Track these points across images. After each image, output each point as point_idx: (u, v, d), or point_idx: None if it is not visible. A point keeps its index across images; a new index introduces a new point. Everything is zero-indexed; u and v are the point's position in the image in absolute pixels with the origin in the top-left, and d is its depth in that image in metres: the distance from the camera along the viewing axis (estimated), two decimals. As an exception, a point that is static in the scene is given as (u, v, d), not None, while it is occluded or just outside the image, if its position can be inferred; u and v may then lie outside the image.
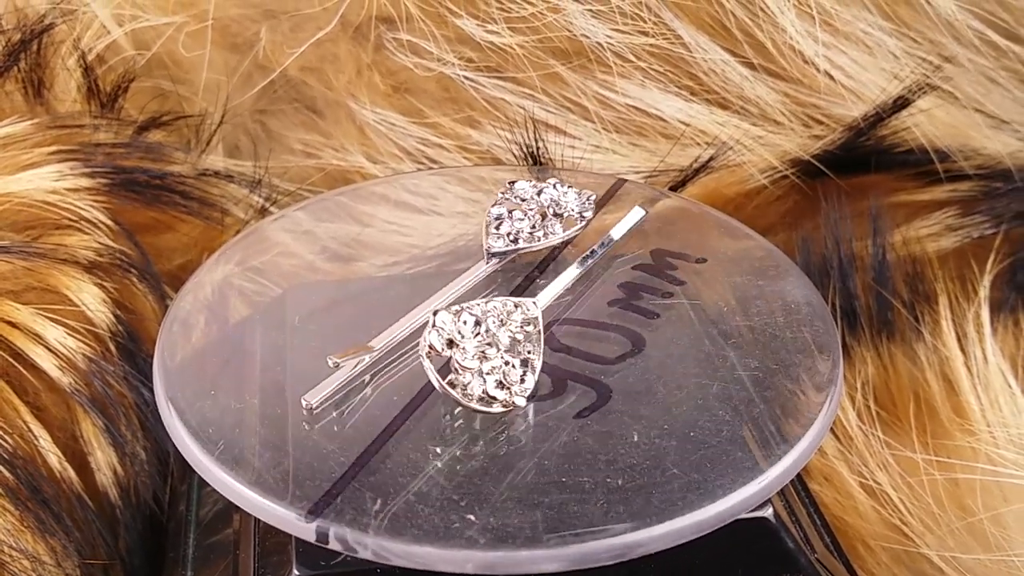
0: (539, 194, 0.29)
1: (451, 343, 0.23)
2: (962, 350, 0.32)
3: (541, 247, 0.28)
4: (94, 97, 0.35)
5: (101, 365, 0.29)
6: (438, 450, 0.22)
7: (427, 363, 0.23)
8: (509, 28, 0.35)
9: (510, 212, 0.28)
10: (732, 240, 0.29)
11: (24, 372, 0.29)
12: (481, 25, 0.35)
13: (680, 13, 0.35)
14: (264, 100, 0.37)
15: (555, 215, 0.28)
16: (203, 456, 0.22)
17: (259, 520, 0.22)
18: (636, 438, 0.23)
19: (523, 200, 0.28)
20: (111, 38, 0.35)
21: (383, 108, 0.36)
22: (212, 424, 0.23)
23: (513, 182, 0.29)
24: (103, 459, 0.30)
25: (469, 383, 0.23)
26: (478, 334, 0.23)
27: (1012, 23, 0.36)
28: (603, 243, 0.28)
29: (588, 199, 0.29)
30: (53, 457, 0.29)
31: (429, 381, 0.23)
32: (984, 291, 0.33)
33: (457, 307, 0.23)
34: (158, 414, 0.24)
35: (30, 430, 0.29)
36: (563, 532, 0.20)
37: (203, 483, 0.23)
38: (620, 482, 0.21)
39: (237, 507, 0.22)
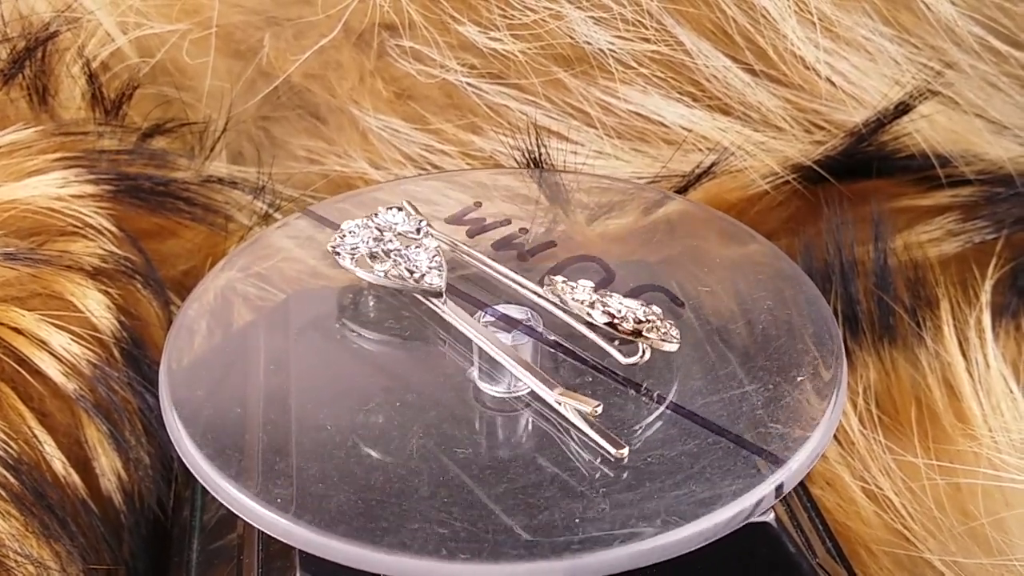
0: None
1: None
2: (964, 355, 0.32)
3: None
4: (98, 104, 0.35)
5: (105, 371, 0.29)
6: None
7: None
8: (511, 35, 0.35)
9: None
10: (735, 244, 0.29)
11: (29, 378, 0.29)
12: (484, 32, 0.35)
13: (682, 19, 0.35)
14: (268, 107, 0.38)
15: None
16: (206, 465, 0.22)
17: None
18: (635, 444, 0.23)
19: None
20: (115, 45, 0.35)
21: (386, 114, 0.37)
22: (216, 432, 0.23)
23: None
24: (107, 464, 0.30)
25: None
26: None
27: (1013, 29, 0.36)
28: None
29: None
30: (58, 462, 0.29)
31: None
32: (986, 296, 0.34)
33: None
34: (161, 420, 0.24)
35: (35, 436, 0.29)
36: (557, 539, 0.20)
37: (207, 488, 0.23)
38: (622, 490, 0.21)
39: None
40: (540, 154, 0.34)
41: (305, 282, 0.28)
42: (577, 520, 0.21)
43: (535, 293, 0.26)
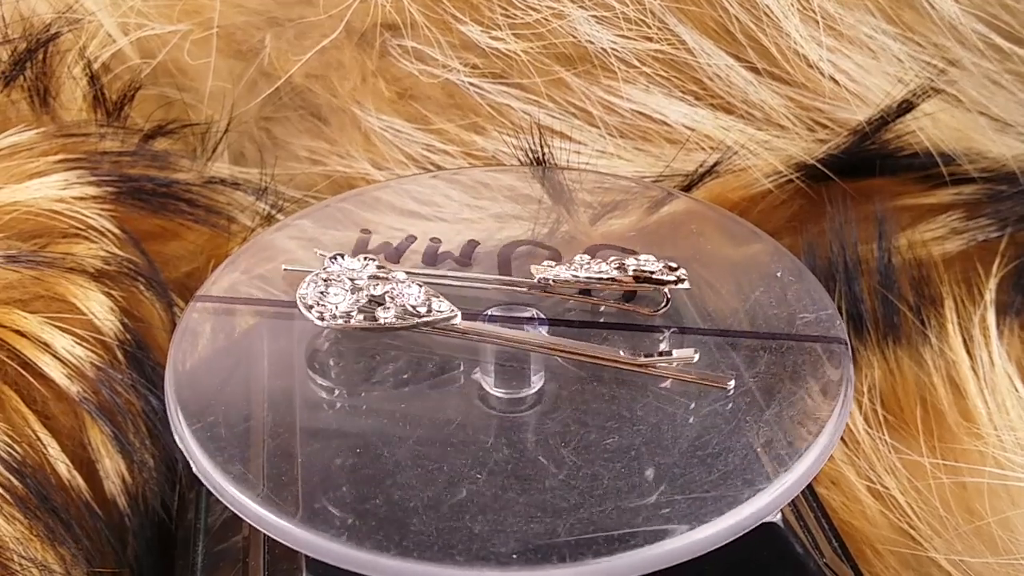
0: None
1: None
2: (968, 354, 0.32)
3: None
4: (100, 106, 0.35)
5: (109, 373, 0.29)
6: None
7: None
8: (514, 34, 0.35)
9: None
10: (739, 242, 0.29)
11: (32, 381, 0.29)
12: (486, 31, 0.35)
13: (684, 18, 0.35)
14: (269, 107, 0.38)
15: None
16: (211, 468, 0.22)
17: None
18: (640, 448, 0.23)
19: None
20: (117, 47, 0.35)
21: (388, 115, 0.36)
22: (221, 435, 0.23)
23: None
24: (112, 467, 0.30)
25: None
26: None
27: (1016, 26, 0.36)
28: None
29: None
30: (62, 465, 0.29)
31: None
32: (990, 294, 0.33)
33: None
34: (166, 421, 0.24)
35: (39, 439, 0.29)
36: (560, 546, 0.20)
37: (212, 492, 0.23)
38: (629, 494, 0.21)
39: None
40: (543, 154, 0.34)
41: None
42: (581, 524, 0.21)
43: (523, 291, 0.27)
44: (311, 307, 0.25)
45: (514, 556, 0.20)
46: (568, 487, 0.22)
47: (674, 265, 0.27)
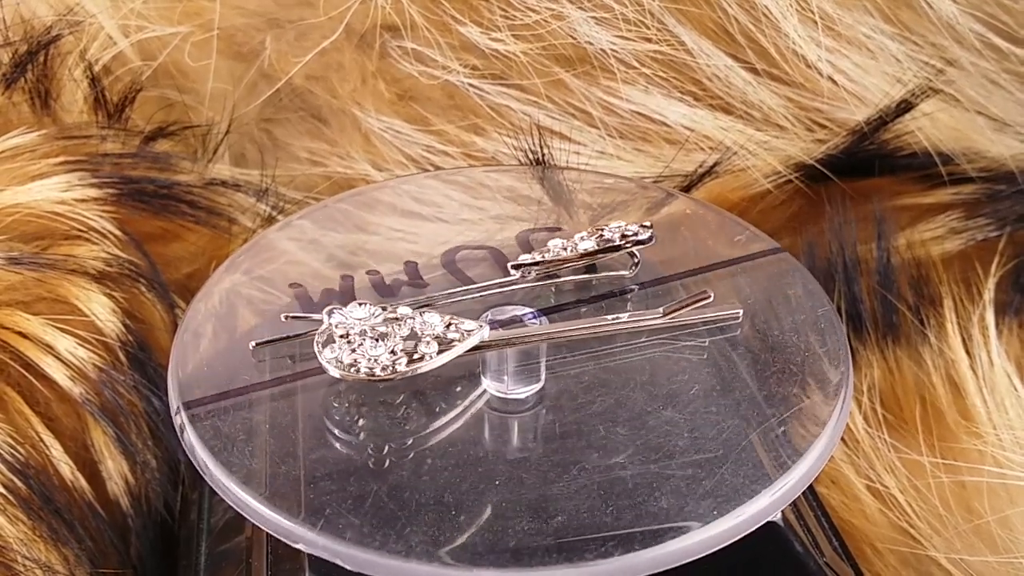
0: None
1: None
2: (968, 353, 0.32)
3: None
4: (101, 108, 0.35)
5: (111, 374, 0.30)
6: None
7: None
8: (513, 35, 0.35)
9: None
10: (738, 243, 0.29)
11: (35, 382, 0.29)
12: (485, 33, 0.35)
13: (683, 19, 0.35)
14: (270, 109, 0.38)
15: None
16: (215, 468, 0.22)
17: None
18: (642, 448, 0.23)
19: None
20: (117, 49, 0.35)
21: (388, 116, 0.37)
22: (223, 435, 0.23)
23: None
24: (114, 468, 0.30)
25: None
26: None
27: (1014, 26, 0.36)
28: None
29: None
30: (65, 467, 0.29)
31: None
32: (989, 294, 0.34)
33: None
34: (168, 422, 0.24)
35: (42, 440, 0.29)
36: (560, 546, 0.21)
37: (214, 491, 0.23)
38: (629, 496, 0.22)
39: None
40: (542, 154, 0.34)
41: (309, 284, 0.28)
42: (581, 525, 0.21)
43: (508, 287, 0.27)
44: (356, 368, 0.24)
45: (513, 557, 0.20)
46: (567, 490, 0.22)
47: (647, 224, 0.28)
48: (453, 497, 0.22)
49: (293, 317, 0.26)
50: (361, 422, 0.24)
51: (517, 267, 0.27)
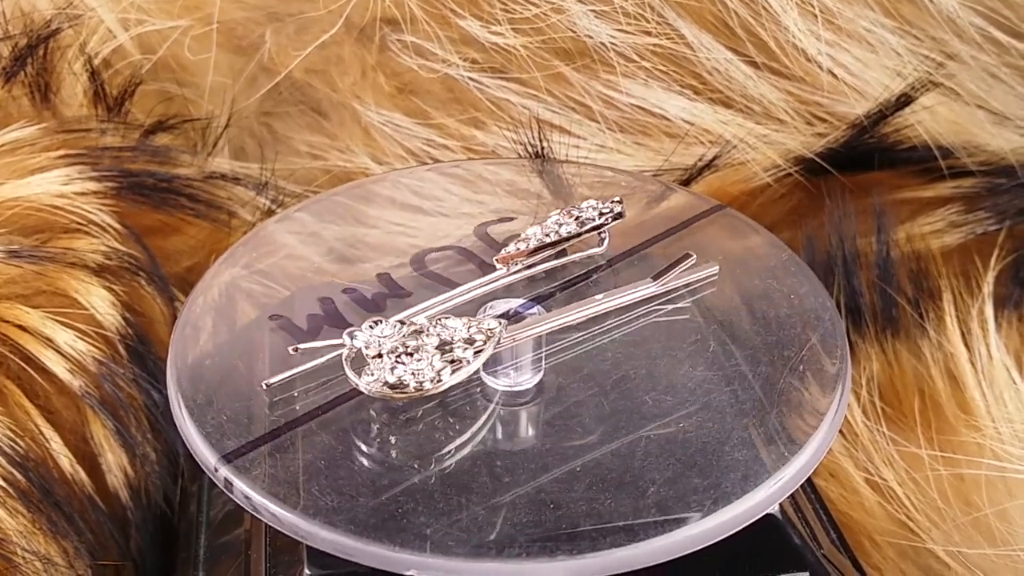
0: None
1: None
2: (966, 346, 0.32)
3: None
4: (101, 101, 0.35)
5: (111, 367, 0.30)
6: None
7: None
8: (513, 29, 0.35)
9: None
10: (738, 237, 0.29)
11: (35, 375, 0.29)
12: (485, 26, 0.35)
13: (683, 12, 0.35)
14: (270, 102, 0.38)
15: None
16: (214, 459, 0.22)
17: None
18: (642, 442, 0.23)
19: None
20: (117, 42, 0.35)
21: (388, 109, 0.37)
22: (223, 427, 0.23)
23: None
24: (114, 461, 0.30)
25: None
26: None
27: (1014, 19, 0.36)
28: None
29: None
30: (64, 459, 0.29)
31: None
32: (988, 287, 0.34)
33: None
34: (168, 415, 0.24)
35: (41, 433, 0.29)
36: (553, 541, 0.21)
37: (213, 484, 0.23)
38: (628, 488, 0.22)
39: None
40: (542, 148, 0.34)
41: (309, 278, 0.28)
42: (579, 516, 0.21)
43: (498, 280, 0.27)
44: (405, 386, 0.23)
45: (514, 549, 0.20)
46: (567, 482, 0.22)
47: (616, 198, 0.28)
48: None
49: (301, 349, 0.25)
50: (393, 439, 0.23)
51: (503, 260, 0.27)
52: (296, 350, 0.25)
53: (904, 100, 0.36)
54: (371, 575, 0.21)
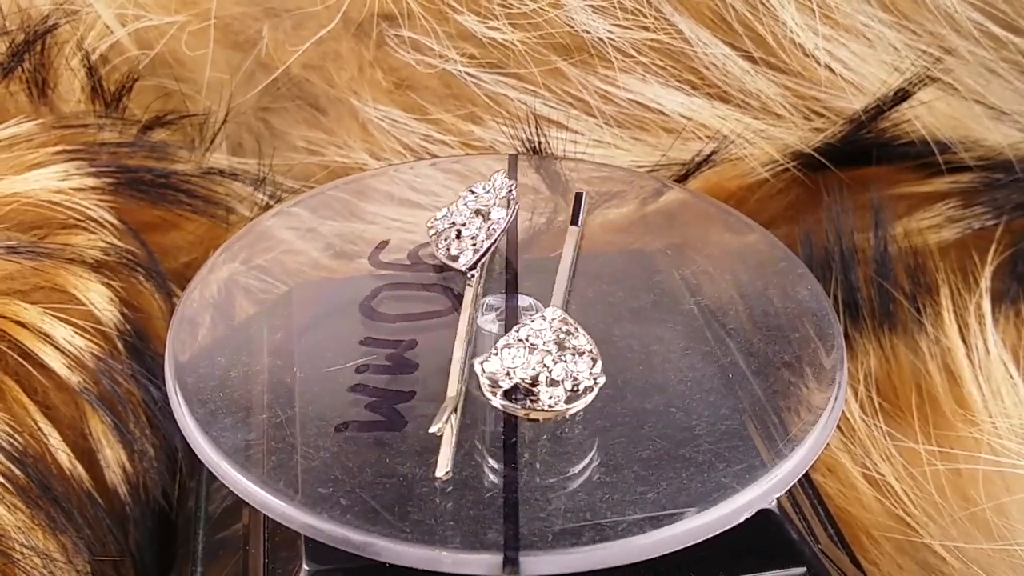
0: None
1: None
2: (964, 341, 0.32)
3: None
4: (98, 97, 0.35)
5: (109, 363, 0.30)
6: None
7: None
8: (510, 24, 0.35)
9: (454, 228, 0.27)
10: (735, 233, 0.29)
11: (33, 371, 0.29)
12: (482, 21, 0.35)
13: (680, 7, 0.35)
14: (267, 98, 0.38)
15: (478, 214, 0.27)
16: (214, 453, 0.22)
17: (268, 516, 0.22)
18: (639, 437, 0.23)
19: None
20: (114, 38, 0.35)
21: (385, 105, 0.37)
22: (223, 421, 0.23)
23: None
24: (112, 456, 0.30)
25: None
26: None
27: (1011, 14, 0.36)
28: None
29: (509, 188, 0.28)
30: (63, 455, 0.29)
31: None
32: (985, 282, 0.34)
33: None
34: (166, 411, 0.24)
35: (39, 429, 0.29)
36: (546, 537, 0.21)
37: (212, 479, 0.23)
38: (625, 482, 0.22)
39: (246, 503, 0.22)
40: (540, 143, 0.34)
41: (307, 274, 0.28)
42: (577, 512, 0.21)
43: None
44: (574, 392, 0.22)
45: (509, 541, 0.20)
46: (565, 475, 0.22)
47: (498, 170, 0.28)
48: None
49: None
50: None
51: (472, 267, 0.26)
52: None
53: (902, 95, 0.36)
54: (369, 569, 0.21)
